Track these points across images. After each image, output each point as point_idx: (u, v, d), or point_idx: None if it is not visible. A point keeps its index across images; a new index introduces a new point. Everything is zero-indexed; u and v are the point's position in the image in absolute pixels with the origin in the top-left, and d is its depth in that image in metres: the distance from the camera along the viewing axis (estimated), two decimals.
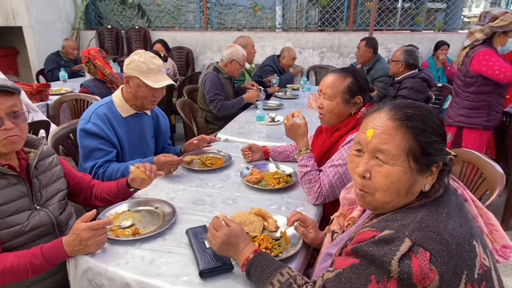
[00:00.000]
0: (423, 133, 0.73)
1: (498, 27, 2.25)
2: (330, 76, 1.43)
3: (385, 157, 0.74)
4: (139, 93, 1.60)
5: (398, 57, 2.95)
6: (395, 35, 5.04)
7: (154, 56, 1.63)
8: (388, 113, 0.76)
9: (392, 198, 0.75)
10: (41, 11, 5.25)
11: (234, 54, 2.82)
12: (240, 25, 6.14)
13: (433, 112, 0.76)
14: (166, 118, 1.90)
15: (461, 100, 2.45)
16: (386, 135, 0.74)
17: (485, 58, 2.26)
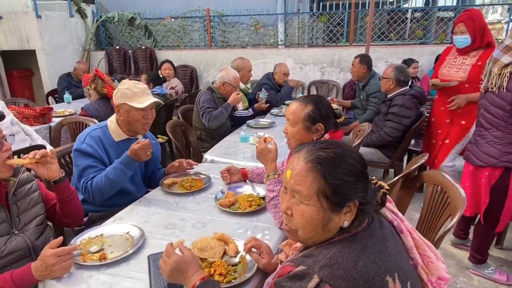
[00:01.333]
0: (334, 175, 0.77)
1: None
2: (293, 103, 1.48)
3: (300, 197, 0.79)
4: (130, 117, 1.72)
5: (389, 74, 2.97)
6: (395, 48, 5.06)
7: (136, 82, 1.78)
8: (303, 155, 0.81)
9: (311, 235, 0.80)
10: (53, 35, 5.54)
11: (225, 77, 2.92)
12: (244, 42, 6.28)
13: (349, 153, 0.80)
14: (159, 144, 1.99)
15: (505, 134, 1.94)
16: (299, 176, 0.79)
17: None
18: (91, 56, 6.23)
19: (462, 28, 2.45)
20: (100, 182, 1.60)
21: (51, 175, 1.33)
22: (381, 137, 2.95)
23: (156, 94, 3.55)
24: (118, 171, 1.61)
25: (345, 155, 0.79)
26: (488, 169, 2.00)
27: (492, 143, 1.99)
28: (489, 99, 2.00)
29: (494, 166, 1.97)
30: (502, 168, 1.96)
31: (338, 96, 5.22)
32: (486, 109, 2.02)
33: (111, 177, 1.60)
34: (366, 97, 3.59)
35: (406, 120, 2.85)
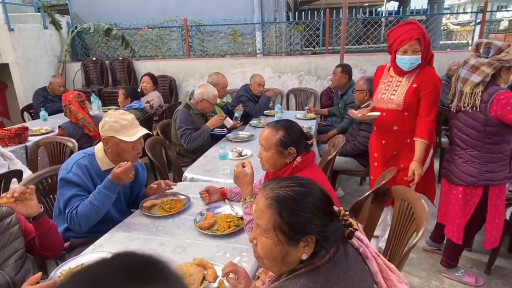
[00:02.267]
0: (290, 213, 0.84)
1: (506, 60, 1.87)
2: (265, 129, 1.55)
3: (261, 230, 0.87)
4: (120, 150, 1.72)
5: (362, 86, 3.09)
6: (369, 56, 5.22)
7: (123, 112, 1.78)
8: (266, 192, 0.88)
9: (272, 265, 0.87)
10: (27, 47, 5.42)
11: (204, 94, 2.96)
12: (222, 51, 6.33)
13: (310, 192, 0.87)
14: (145, 170, 2.01)
15: (482, 153, 1.98)
16: (260, 212, 0.87)
17: (509, 103, 1.82)
18: (67, 68, 6.12)
19: (415, 47, 2.04)
20: (86, 208, 1.61)
21: (30, 211, 1.32)
22: (355, 146, 3.06)
23: (134, 108, 3.55)
24: (102, 196, 1.63)
25: (305, 193, 0.86)
26: (468, 188, 2.06)
27: (470, 162, 2.03)
28: (461, 119, 2.05)
29: (474, 185, 2.03)
30: (482, 186, 2.03)
31: (316, 103, 5.34)
32: (459, 129, 2.08)
33: (95, 203, 1.62)
34: (344, 105, 3.71)
35: None
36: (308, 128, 3.43)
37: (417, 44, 2.03)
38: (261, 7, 6.25)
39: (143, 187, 2.04)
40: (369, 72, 5.16)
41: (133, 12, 6.51)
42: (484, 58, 1.93)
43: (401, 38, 2.05)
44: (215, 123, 2.95)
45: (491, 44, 1.91)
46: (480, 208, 2.07)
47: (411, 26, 2.07)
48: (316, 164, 1.62)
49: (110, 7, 6.77)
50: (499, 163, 2.00)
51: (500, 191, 2.05)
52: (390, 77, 2.26)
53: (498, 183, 2.02)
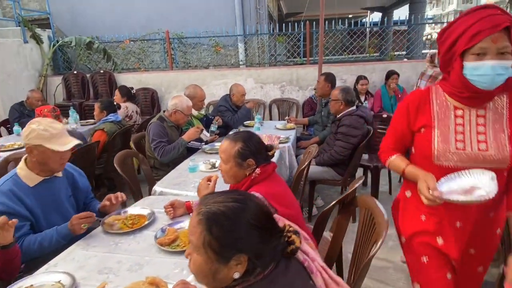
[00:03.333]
0: (221, 230, 0.81)
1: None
2: (224, 142, 1.54)
3: (192, 246, 0.85)
4: (46, 159, 1.65)
5: (337, 96, 3.11)
6: (348, 66, 5.29)
7: (52, 121, 1.72)
8: (199, 207, 0.86)
9: (205, 281, 0.85)
10: (6, 62, 5.36)
11: (178, 105, 2.94)
12: (205, 63, 6.35)
13: (246, 209, 0.84)
14: (84, 176, 1.96)
15: None
16: (192, 227, 0.85)
17: None
18: (48, 81, 6.07)
19: (504, 44, 1.13)
20: (33, 246, 1.57)
21: (3, 242, 1.30)
22: (332, 156, 3.06)
23: (110, 121, 3.51)
24: (54, 241, 1.60)
25: (239, 210, 0.83)
26: None
27: None
28: None
29: None
30: None
31: (298, 113, 5.36)
32: None
33: (45, 244, 1.58)
34: (327, 114, 3.73)
35: (354, 139, 2.98)
36: (286, 138, 3.46)
37: (505, 40, 1.13)
38: (243, 19, 6.33)
39: (90, 194, 1.99)
40: (349, 81, 5.23)
41: (116, 26, 6.53)
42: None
43: (476, 28, 1.13)
44: (191, 135, 2.92)
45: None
46: None
47: (492, 11, 1.15)
48: (277, 176, 1.60)
49: (93, 20, 6.79)
50: None
51: None
52: (457, 110, 1.28)
53: None
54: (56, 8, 6.67)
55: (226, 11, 6.45)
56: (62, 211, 1.77)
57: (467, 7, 32.37)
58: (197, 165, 2.47)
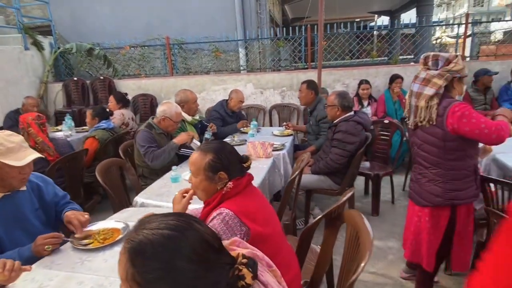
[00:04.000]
0: (146, 262, 0.69)
1: (456, 71, 1.78)
2: (194, 153, 1.42)
3: (120, 279, 0.72)
4: (4, 175, 1.54)
5: (333, 101, 2.98)
6: (351, 70, 5.14)
7: (10, 133, 1.60)
8: (129, 234, 0.74)
9: None
10: (6, 69, 5.37)
11: (166, 112, 2.84)
12: (206, 68, 6.28)
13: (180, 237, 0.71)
14: (50, 183, 1.85)
15: (445, 171, 1.84)
16: (119, 257, 0.73)
17: (464, 115, 1.69)
18: (49, 88, 6.07)
19: None
20: None
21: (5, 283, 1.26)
22: (327, 164, 2.92)
23: (102, 128, 3.44)
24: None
25: (172, 239, 0.71)
26: (435, 209, 1.90)
27: (434, 181, 1.88)
28: (420, 136, 1.91)
29: (441, 205, 1.87)
30: (449, 206, 1.86)
31: (299, 118, 5.23)
32: (419, 147, 1.94)
33: None
34: (315, 122, 3.59)
35: (350, 146, 2.84)
36: (281, 145, 3.33)
37: None
38: (243, 24, 6.25)
39: (63, 199, 1.87)
40: (352, 86, 5.08)
41: (117, 32, 6.53)
42: (434, 70, 1.83)
43: None
44: (182, 139, 2.82)
45: (439, 56, 1.82)
46: (450, 230, 1.91)
47: None
48: (254, 189, 1.47)
49: (94, 27, 6.80)
50: (464, 180, 1.83)
51: (468, 210, 1.89)
52: None
53: (465, 201, 1.85)
54: (58, 15, 6.70)
55: (226, 16, 6.39)
56: (27, 227, 1.67)
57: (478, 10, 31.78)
58: (179, 175, 2.35)
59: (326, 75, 5.11)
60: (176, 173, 2.33)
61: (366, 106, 4.80)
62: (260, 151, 2.93)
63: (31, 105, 4.36)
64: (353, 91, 4.99)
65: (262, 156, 2.92)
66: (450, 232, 1.92)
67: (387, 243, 2.92)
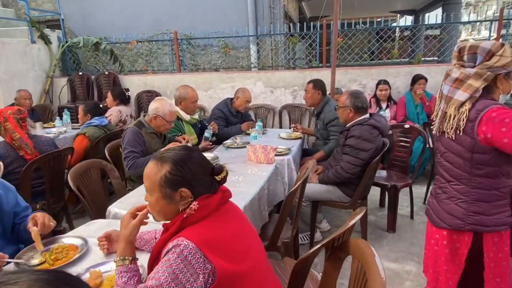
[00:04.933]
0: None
1: (500, 66, 1.40)
2: (149, 164, 1.10)
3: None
4: None
5: (344, 102, 2.61)
6: (369, 70, 4.74)
7: None
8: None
9: None
10: (11, 62, 5.24)
11: (159, 110, 2.55)
12: (215, 65, 6.00)
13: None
14: (12, 191, 1.58)
15: (470, 189, 1.50)
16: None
17: (503, 122, 1.34)
18: (55, 83, 5.93)
19: None
20: None
21: None
22: (337, 173, 2.56)
23: (94, 125, 3.20)
24: None
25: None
26: (454, 233, 1.56)
27: (455, 199, 1.54)
28: (444, 143, 1.57)
29: (460, 229, 1.52)
30: (471, 232, 1.51)
31: (311, 120, 4.86)
32: (442, 155, 1.59)
33: None
34: (323, 125, 3.22)
35: (364, 153, 2.47)
36: (286, 150, 2.99)
37: None
38: (255, 19, 5.93)
39: (24, 211, 1.61)
40: (370, 87, 4.68)
41: (126, 27, 6.34)
42: (470, 67, 1.44)
43: None
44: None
45: (477, 47, 1.41)
46: (475, 260, 1.53)
47: None
48: (230, 208, 1.14)
49: (104, 21, 6.64)
50: (494, 203, 1.47)
51: (500, 240, 1.50)
52: None
53: (492, 229, 1.48)
54: (68, 9, 6.57)
55: (238, 10, 6.08)
56: None
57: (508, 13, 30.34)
58: None
59: (342, 74, 4.73)
60: None
61: (385, 109, 4.39)
62: (261, 155, 2.60)
63: (23, 98, 4.18)
64: (371, 92, 4.59)
65: (263, 162, 2.60)
66: (476, 262, 1.53)
67: (404, 266, 2.54)
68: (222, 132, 3.59)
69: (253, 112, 5.07)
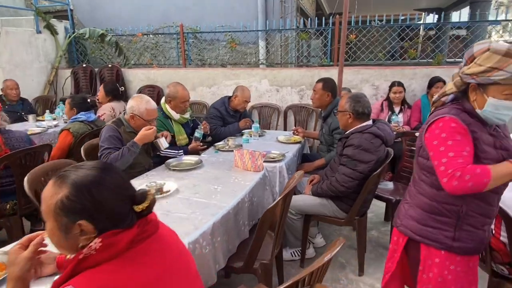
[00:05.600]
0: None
1: (469, 74, 1.25)
2: (49, 182, 0.86)
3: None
4: None
5: (344, 106, 2.32)
6: (383, 70, 4.38)
7: None
8: None
9: None
10: (15, 52, 5.18)
11: (134, 109, 2.34)
12: (223, 61, 5.76)
13: None
14: None
15: (415, 193, 1.46)
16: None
17: (439, 136, 1.28)
18: (60, 74, 5.85)
19: None
20: None
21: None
22: (332, 185, 2.27)
23: (80, 121, 3.02)
24: None
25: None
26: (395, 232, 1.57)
27: (404, 199, 1.57)
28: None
29: (397, 228, 1.53)
30: (405, 236, 1.48)
31: (317, 122, 4.56)
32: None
33: None
34: (329, 131, 2.93)
35: (363, 165, 2.17)
36: (280, 155, 2.73)
37: None
38: (265, 13, 5.64)
39: None
40: (383, 88, 4.33)
41: (134, 19, 6.20)
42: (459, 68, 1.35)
43: None
44: (144, 137, 2.27)
45: (471, 48, 1.27)
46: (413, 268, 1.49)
47: None
48: (155, 247, 0.87)
49: (112, 13, 6.52)
50: (432, 215, 1.39)
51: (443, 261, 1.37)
52: None
53: (423, 240, 1.41)
54: (77, 0, 6.50)
55: (247, 3, 5.81)
56: None
57: None
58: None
59: (353, 74, 4.41)
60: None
61: (398, 113, 4.03)
62: (248, 162, 2.35)
63: (9, 87, 4.06)
64: (384, 94, 4.25)
65: (250, 169, 2.34)
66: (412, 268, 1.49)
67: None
68: (219, 132, 3.36)
69: (257, 111, 4.81)
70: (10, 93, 4.01)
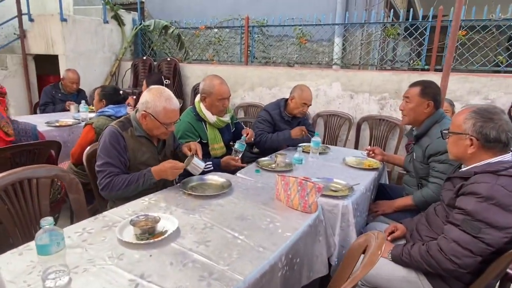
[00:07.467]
0: None
1: None
2: None
3: None
4: None
5: (461, 125, 1.40)
6: (503, 79, 3.20)
7: None
8: None
9: None
10: (80, 40, 5.11)
11: (150, 106, 1.71)
12: (291, 59, 5.03)
13: None
14: None
15: None
16: None
17: None
18: (122, 66, 5.71)
19: None
20: None
21: None
22: (429, 255, 1.36)
23: (106, 115, 2.55)
24: None
25: None
26: None
27: None
28: None
29: None
30: None
31: (400, 142, 3.54)
32: None
33: None
34: (423, 156, 1.97)
35: (494, 233, 1.23)
36: (346, 188, 1.88)
37: None
38: (346, 5, 4.75)
39: None
40: (501, 103, 3.17)
41: (203, 11, 5.84)
42: None
43: None
44: (164, 174, 1.64)
45: None
46: None
47: None
48: None
49: (181, 5, 6.25)
50: None
51: None
52: None
53: None
54: None
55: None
56: None
57: None
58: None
59: (458, 82, 3.32)
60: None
61: None
62: (295, 196, 1.56)
63: (70, 80, 3.87)
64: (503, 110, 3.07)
65: (296, 207, 1.55)
66: None
67: None
68: (264, 139, 2.64)
69: (322, 120, 3.97)
70: (70, 86, 3.86)
